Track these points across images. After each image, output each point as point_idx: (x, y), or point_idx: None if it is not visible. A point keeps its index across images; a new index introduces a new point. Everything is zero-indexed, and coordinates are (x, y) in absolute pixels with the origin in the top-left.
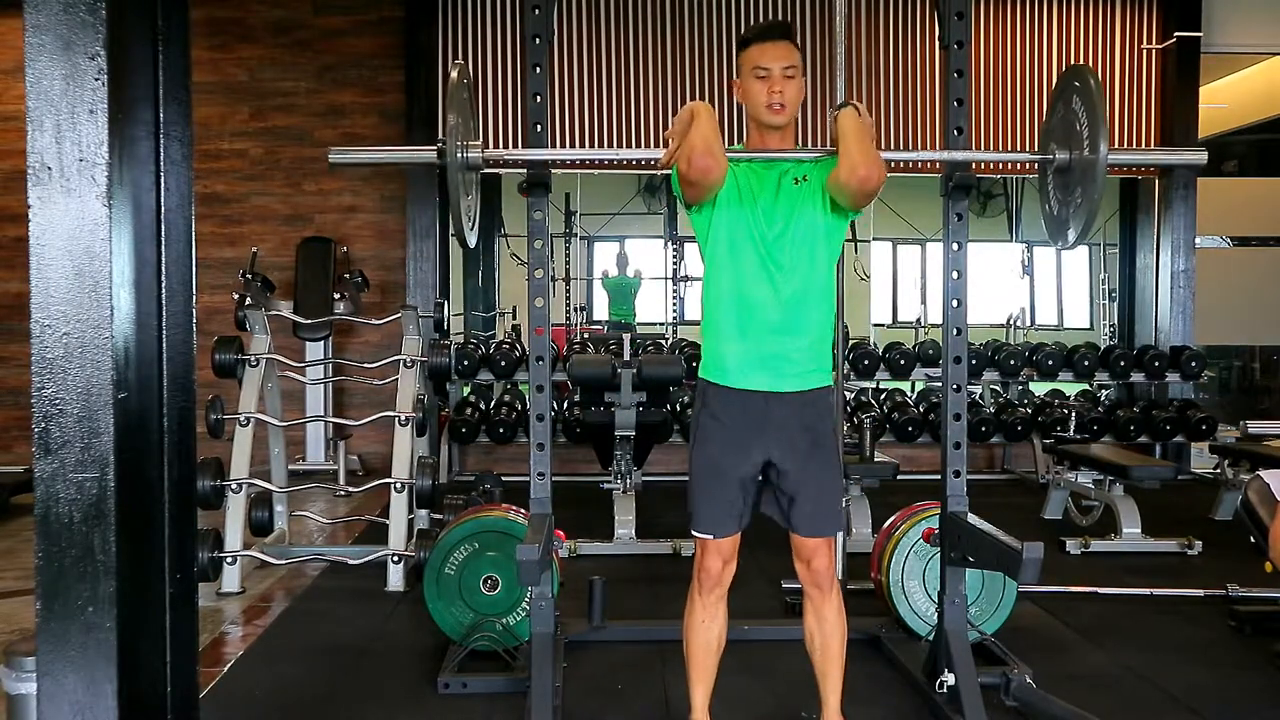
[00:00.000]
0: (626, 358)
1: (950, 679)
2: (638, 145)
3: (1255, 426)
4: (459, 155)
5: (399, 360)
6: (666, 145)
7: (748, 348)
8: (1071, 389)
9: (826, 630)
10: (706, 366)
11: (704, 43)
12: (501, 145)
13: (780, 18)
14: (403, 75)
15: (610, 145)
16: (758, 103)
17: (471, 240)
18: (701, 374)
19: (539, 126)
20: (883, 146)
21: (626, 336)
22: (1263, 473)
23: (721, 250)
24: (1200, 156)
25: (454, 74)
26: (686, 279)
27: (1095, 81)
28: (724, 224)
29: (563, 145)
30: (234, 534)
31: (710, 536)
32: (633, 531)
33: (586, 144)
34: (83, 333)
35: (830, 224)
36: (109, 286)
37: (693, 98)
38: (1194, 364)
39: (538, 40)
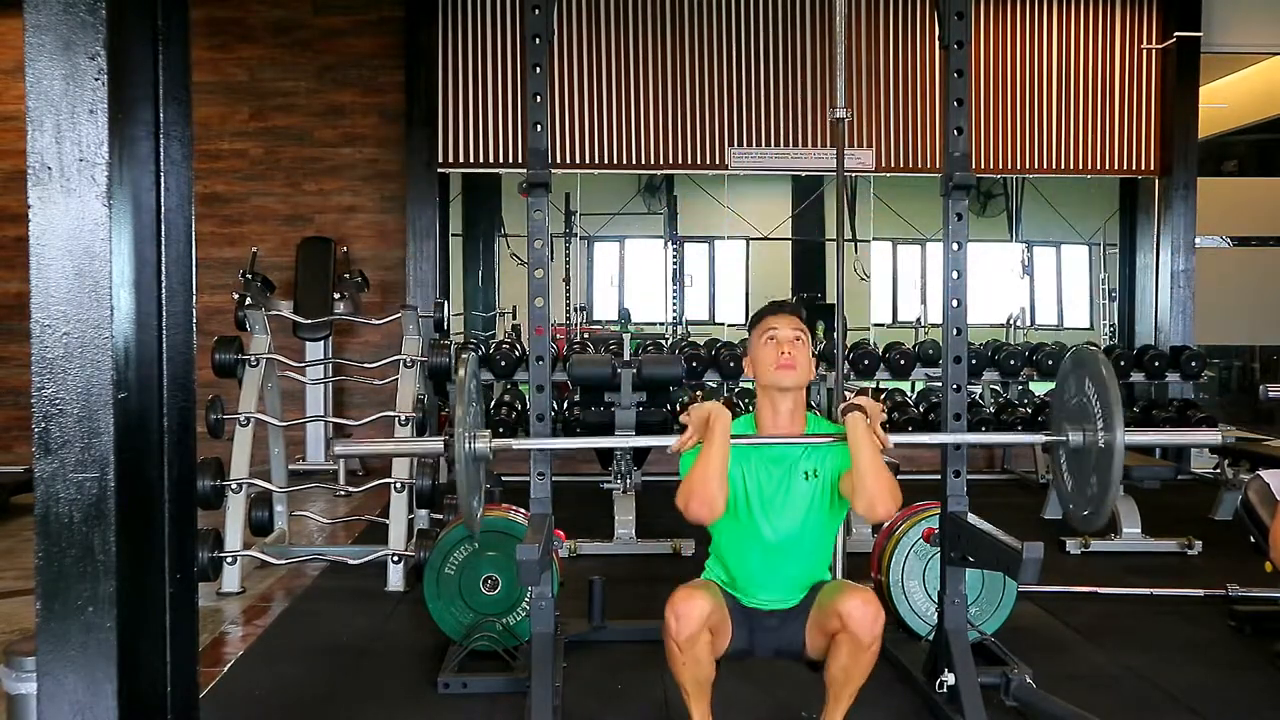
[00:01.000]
0: (626, 358)
1: (950, 679)
2: (637, 145)
3: (1276, 390)
4: (467, 446)
5: (399, 360)
6: (681, 431)
7: (747, 593)
8: None
9: (856, 672)
10: (708, 571)
11: (704, 42)
12: (501, 145)
13: (780, 19)
14: (403, 75)
15: (610, 145)
16: (768, 364)
17: (477, 526)
18: (705, 574)
19: (539, 126)
20: (883, 145)
21: (626, 336)
22: (1263, 472)
23: (726, 544)
24: (1216, 438)
25: (462, 372)
26: (687, 278)
27: (1108, 368)
28: (730, 528)
29: (562, 145)
30: (234, 534)
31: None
32: (633, 531)
33: (586, 143)
34: (83, 333)
35: (835, 514)
36: (109, 286)
37: (692, 97)
38: (1194, 364)
39: (538, 40)
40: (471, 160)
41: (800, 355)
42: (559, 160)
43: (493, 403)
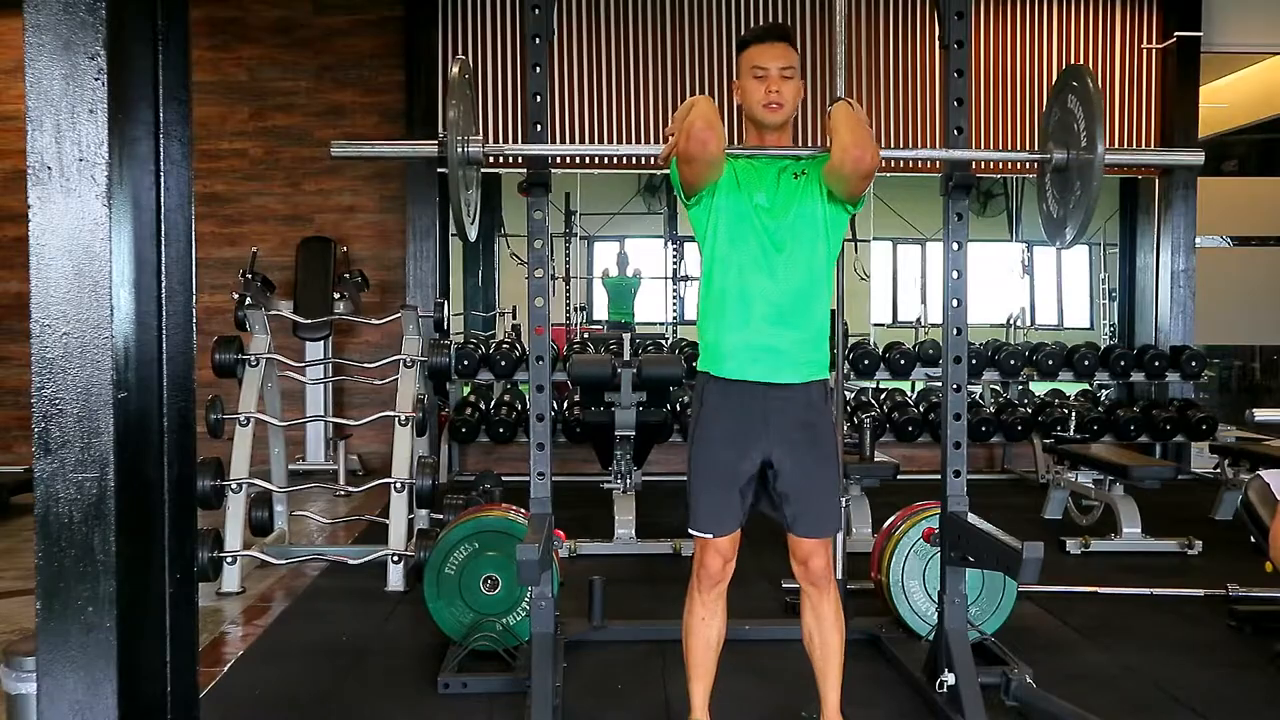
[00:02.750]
0: (626, 358)
1: (950, 679)
2: (638, 145)
3: (1262, 414)
4: (460, 149)
5: (399, 360)
6: (667, 141)
7: (746, 339)
8: (1071, 389)
9: (825, 628)
10: (705, 359)
11: (703, 41)
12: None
13: (780, 18)
14: (403, 75)
15: (610, 144)
16: (755, 101)
17: (472, 234)
18: (700, 366)
19: (539, 126)
20: (882, 145)
21: (626, 336)
22: (1263, 472)
23: (721, 240)
24: (1197, 158)
25: (455, 69)
26: (686, 279)
27: (1092, 81)
28: (723, 213)
29: (563, 144)
30: (234, 534)
31: (709, 535)
32: (633, 531)
33: (586, 143)
34: (82, 333)
35: (829, 216)
36: (109, 286)
37: (692, 96)
38: (1194, 364)
39: (538, 40)
40: None
41: (788, 92)
42: (559, 160)
43: (493, 402)
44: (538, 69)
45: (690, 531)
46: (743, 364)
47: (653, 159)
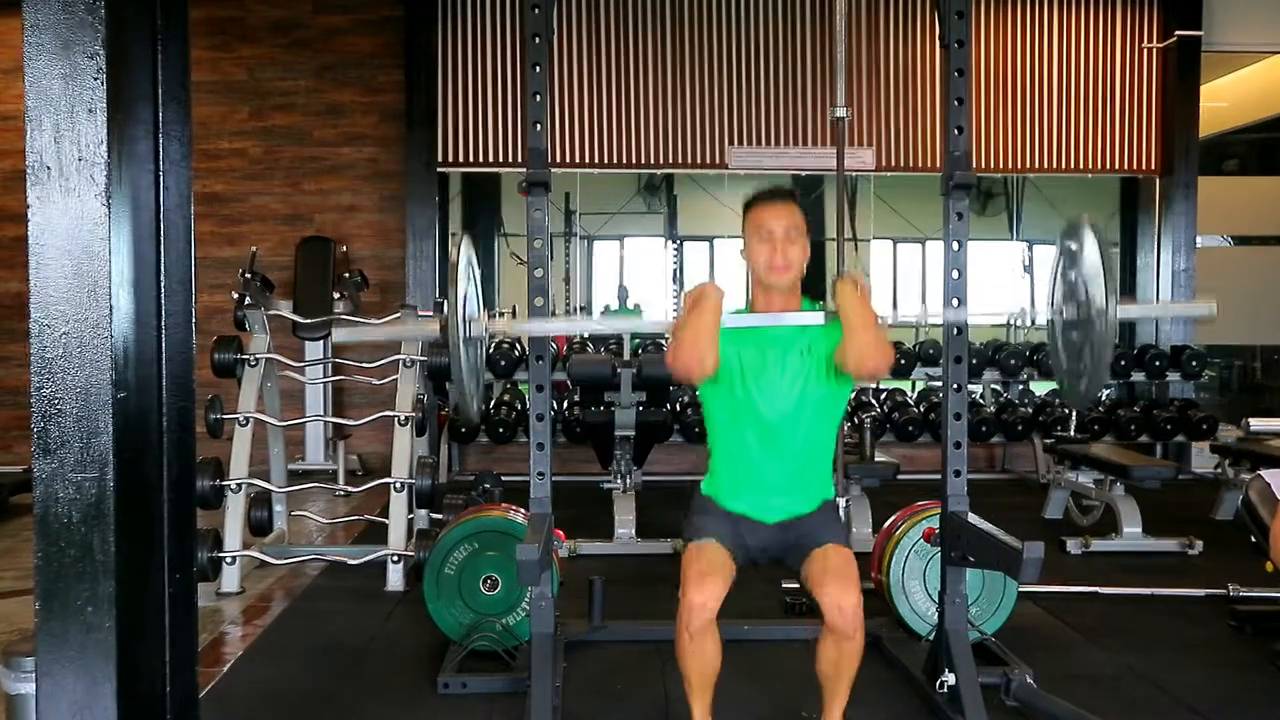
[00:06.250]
0: (626, 358)
1: (951, 679)
2: (637, 145)
3: (1257, 424)
4: (462, 329)
5: (399, 360)
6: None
7: (748, 501)
8: None
9: (845, 664)
10: (706, 484)
11: (703, 42)
12: (501, 145)
13: (780, 19)
14: (402, 74)
15: (610, 144)
16: (761, 264)
17: (475, 413)
18: (702, 489)
19: (538, 125)
20: (882, 145)
21: (626, 336)
22: (1263, 472)
23: (723, 424)
24: (1209, 309)
25: (458, 251)
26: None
27: (1101, 240)
28: (725, 404)
29: (562, 143)
30: (233, 534)
31: (709, 540)
32: (633, 531)
33: (586, 142)
34: (82, 332)
35: (834, 393)
36: (108, 286)
37: (692, 97)
38: (1194, 363)
39: (537, 39)
40: (471, 160)
41: (795, 254)
42: (559, 160)
43: (492, 402)
44: (537, 68)
45: (685, 540)
46: (743, 510)
47: (652, 160)
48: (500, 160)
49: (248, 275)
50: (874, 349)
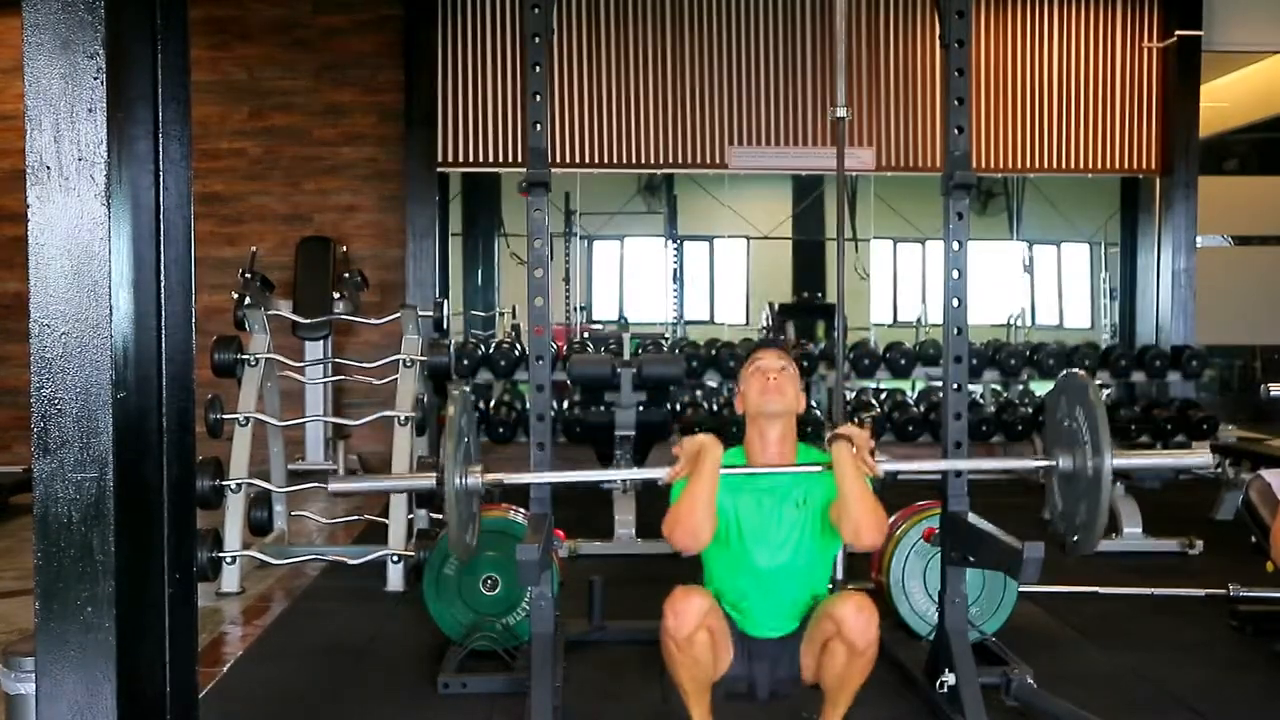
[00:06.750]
0: (626, 358)
1: (951, 679)
2: (637, 145)
3: (1277, 389)
4: (458, 481)
5: (399, 360)
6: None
7: (745, 625)
8: None
9: (852, 676)
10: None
11: (703, 41)
12: (501, 145)
13: (780, 18)
14: (402, 74)
15: (610, 145)
16: (756, 391)
17: (466, 556)
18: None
19: (538, 125)
20: (882, 145)
21: (626, 336)
22: (1264, 472)
23: (719, 572)
24: (1206, 459)
25: (453, 408)
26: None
27: (1095, 392)
28: (721, 555)
29: (562, 143)
30: (233, 534)
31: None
32: (633, 531)
33: (586, 143)
34: (81, 332)
35: (827, 542)
36: (108, 286)
37: (692, 96)
38: (1195, 363)
39: (537, 39)
40: (471, 160)
41: (787, 384)
42: (559, 160)
43: (492, 402)
44: (537, 68)
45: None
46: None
47: (653, 160)
48: (500, 160)
49: (248, 275)
50: (869, 526)
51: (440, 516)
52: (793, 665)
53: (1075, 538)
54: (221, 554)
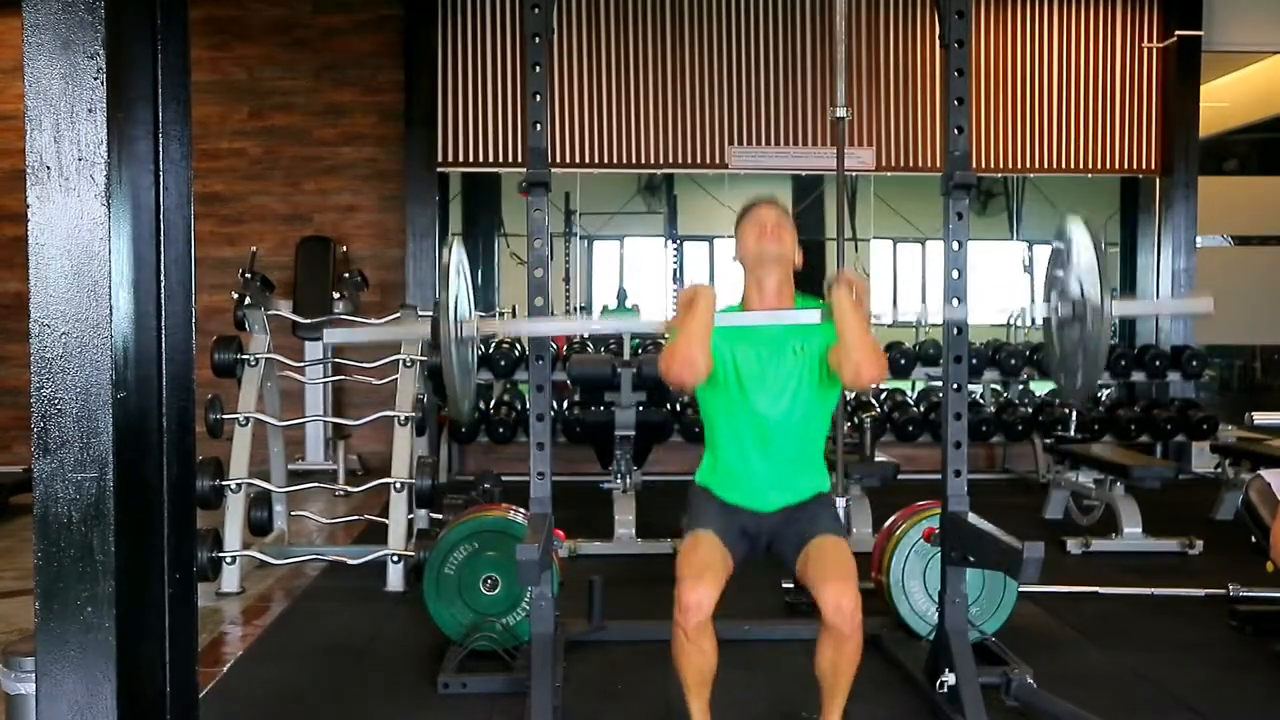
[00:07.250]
0: (626, 357)
1: (951, 679)
2: (637, 145)
3: (1261, 418)
4: (454, 330)
5: (399, 360)
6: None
7: (742, 494)
8: None
9: (843, 664)
10: (700, 475)
11: (703, 42)
12: (501, 145)
13: (780, 18)
14: (402, 74)
15: (610, 145)
16: (753, 238)
17: (466, 414)
18: (697, 479)
19: (538, 125)
20: (882, 145)
21: (626, 336)
22: (1264, 472)
23: (718, 424)
24: (1207, 305)
25: (449, 254)
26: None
27: (1095, 236)
28: (722, 403)
29: (562, 143)
30: (233, 534)
31: (709, 532)
32: (633, 531)
33: (586, 143)
34: (81, 332)
35: (826, 393)
36: (108, 286)
37: (692, 96)
38: (1195, 363)
39: (537, 39)
40: (471, 160)
41: (785, 237)
42: (559, 160)
43: (492, 402)
44: (537, 68)
45: (684, 530)
46: (739, 501)
47: (653, 160)
48: (500, 160)
49: (248, 275)
50: (870, 363)
51: (440, 516)
52: (789, 548)
53: (1077, 380)
54: (221, 554)
